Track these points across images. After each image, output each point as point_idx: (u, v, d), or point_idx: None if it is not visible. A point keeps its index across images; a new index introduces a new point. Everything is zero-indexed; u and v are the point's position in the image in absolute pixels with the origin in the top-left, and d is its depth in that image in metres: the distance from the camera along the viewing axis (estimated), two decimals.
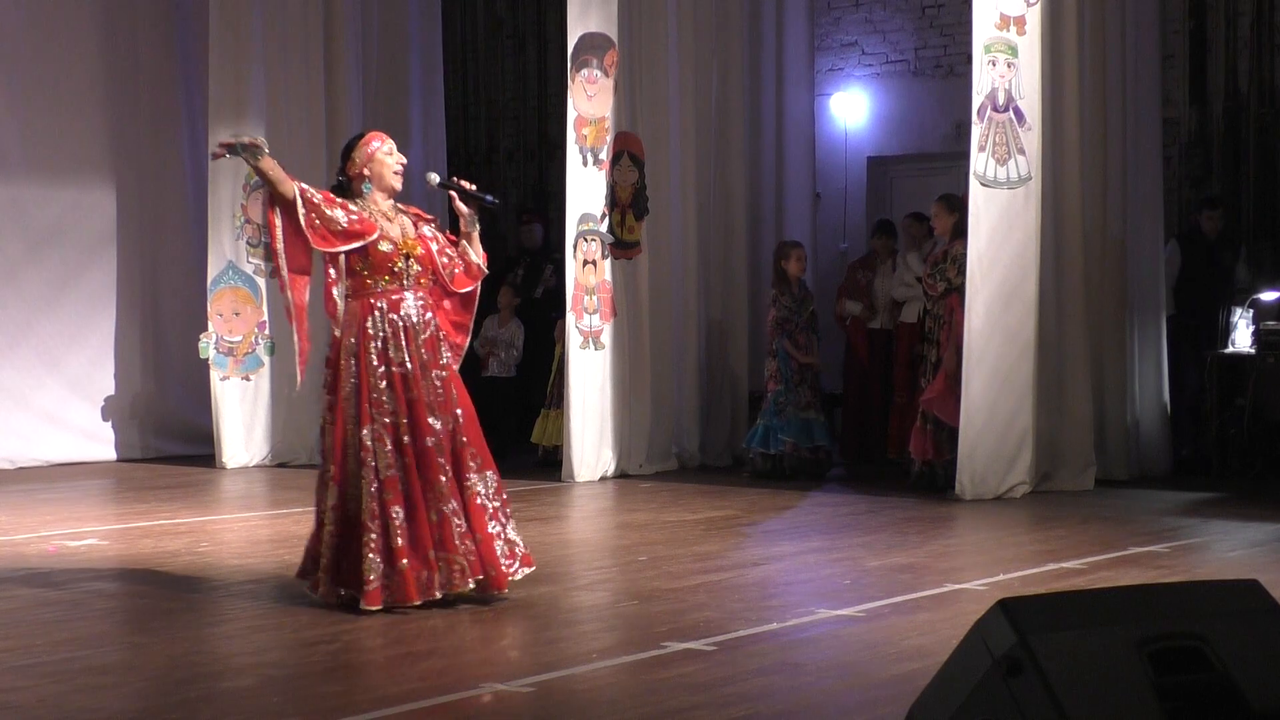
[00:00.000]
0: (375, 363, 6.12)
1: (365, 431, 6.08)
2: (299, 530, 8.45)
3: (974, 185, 9.71)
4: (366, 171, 6.30)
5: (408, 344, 6.17)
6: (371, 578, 5.98)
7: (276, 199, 6.20)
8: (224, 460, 11.80)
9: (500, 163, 14.87)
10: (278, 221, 6.17)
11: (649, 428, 11.33)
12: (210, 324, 11.90)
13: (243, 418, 11.94)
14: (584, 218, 10.89)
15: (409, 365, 6.15)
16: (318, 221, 6.13)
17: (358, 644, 5.62)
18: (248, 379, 11.96)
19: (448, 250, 6.39)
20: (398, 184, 6.33)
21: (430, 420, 6.14)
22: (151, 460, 12.27)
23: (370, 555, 5.99)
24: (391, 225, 6.25)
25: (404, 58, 13.33)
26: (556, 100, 13.44)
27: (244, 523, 9.11)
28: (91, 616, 6.16)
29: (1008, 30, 9.72)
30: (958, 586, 6.68)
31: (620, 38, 11.06)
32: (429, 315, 6.28)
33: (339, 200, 6.24)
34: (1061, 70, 10.13)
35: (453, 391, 6.27)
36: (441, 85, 13.88)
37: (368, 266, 6.19)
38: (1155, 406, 10.97)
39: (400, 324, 6.18)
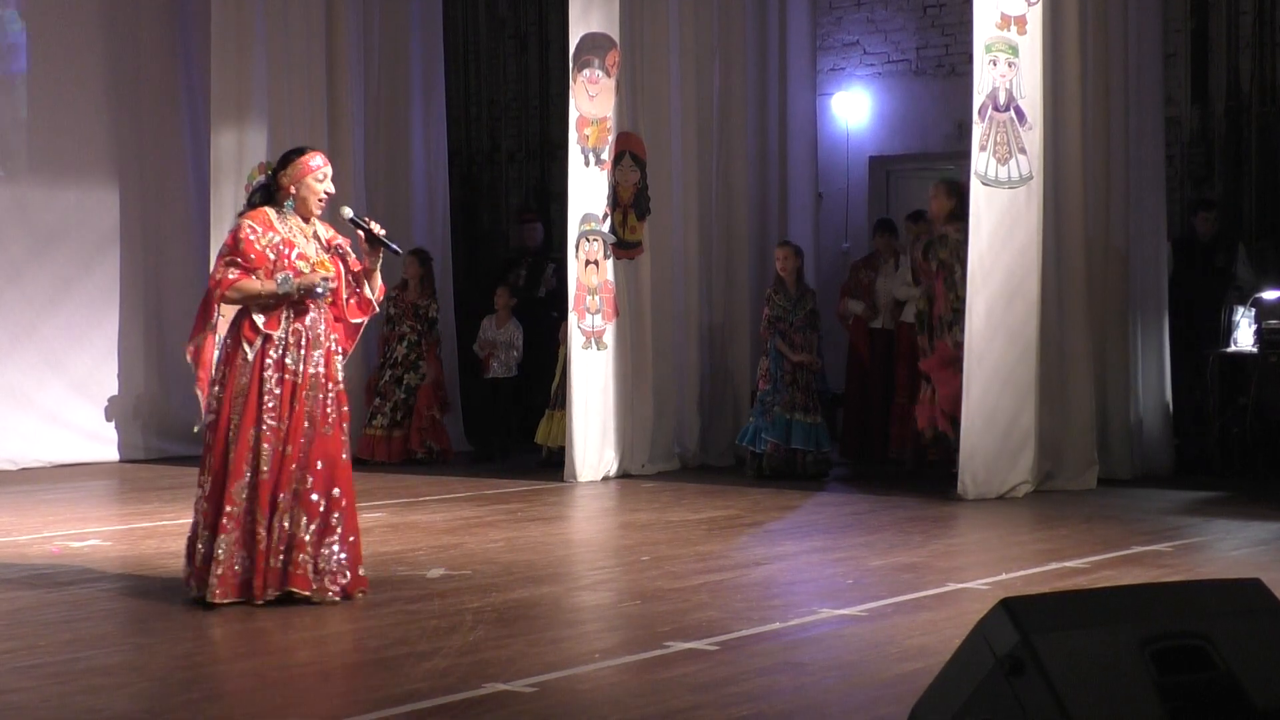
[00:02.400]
0: (272, 369, 6.26)
1: (252, 431, 6.22)
2: None
3: (975, 185, 9.71)
4: (293, 190, 6.42)
5: (305, 353, 6.31)
6: (220, 572, 6.15)
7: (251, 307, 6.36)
8: None
9: (502, 163, 14.88)
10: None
11: (651, 428, 11.33)
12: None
13: None
14: (586, 218, 10.90)
15: (300, 375, 6.29)
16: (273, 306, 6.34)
17: (361, 644, 5.62)
18: None
19: (349, 278, 6.52)
20: (318, 211, 6.48)
21: (307, 431, 6.28)
22: (154, 461, 12.27)
23: (220, 550, 6.17)
24: (308, 243, 6.40)
25: (405, 59, 13.34)
26: (558, 100, 13.45)
27: None
28: (94, 617, 6.16)
29: (1009, 30, 9.72)
30: (960, 586, 6.68)
31: (622, 38, 11.06)
32: (329, 330, 6.42)
33: (260, 240, 6.31)
34: (1063, 69, 10.13)
35: (340, 409, 6.42)
36: (443, 86, 13.89)
37: None
38: (1158, 405, 10.97)
39: (304, 333, 6.33)
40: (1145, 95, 10.95)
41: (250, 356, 6.26)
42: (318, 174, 6.42)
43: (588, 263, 10.92)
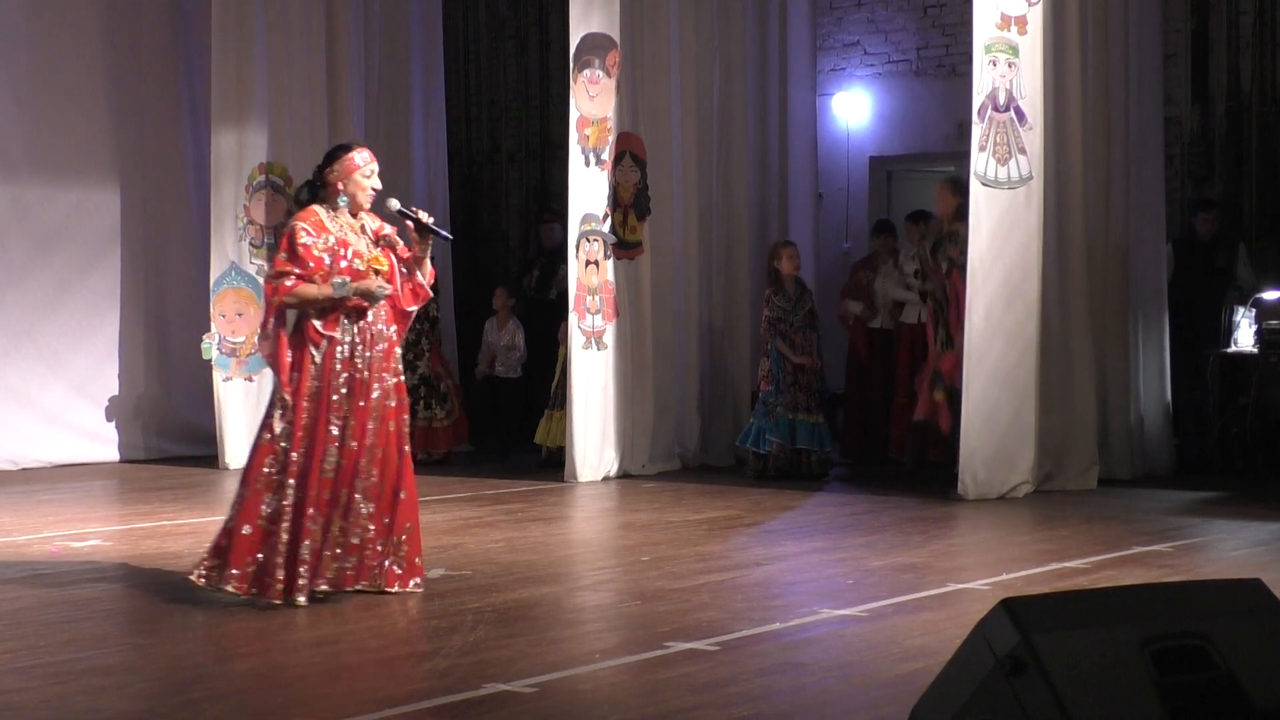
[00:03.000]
0: (339, 367, 6.26)
1: (319, 432, 6.22)
2: None
3: (974, 185, 9.71)
4: (341, 186, 6.42)
5: (369, 349, 6.32)
6: (279, 574, 6.15)
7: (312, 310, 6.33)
8: (226, 461, 11.80)
9: (502, 163, 14.87)
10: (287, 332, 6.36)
11: (651, 428, 11.33)
12: (213, 325, 11.91)
13: (245, 419, 11.92)
14: (586, 218, 10.90)
15: (365, 372, 6.30)
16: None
17: (361, 644, 5.62)
18: (250, 380, 11.97)
19: (400, 266, 6.51)
20: (366, 206, 6.49)
21: (369, 425, 6.29)
22: (154, 461, 12.27)
23: (279, 551, 6.16)
24: (359, 240, 6.40)
25: (405, 59, 13.34)
26: (558, 100, 13.45)
27: None
28: (94, 617, 6.16)
29: (1009, 30, 9.72)
30: (960, 586, 6.68)
31: (622, 38, 11.06)
32: (389, 324, 6.43)
33: (317, 245, 6.29)
34: (1063, 70, 10.13)
35: (401, 400, 6.44)
36: (443, 86, 13.90)
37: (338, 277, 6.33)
38: (1158, 406, 10.97)
39: (366, 329, 6.33)
40: (1145, 95, 10.95)
41: (319, 358, 6.25)
42: (364, 170, 6.43)
43: (588, 263, 10.92)
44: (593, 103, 10.93)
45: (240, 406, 11.92)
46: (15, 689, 4.93)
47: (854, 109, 13.27)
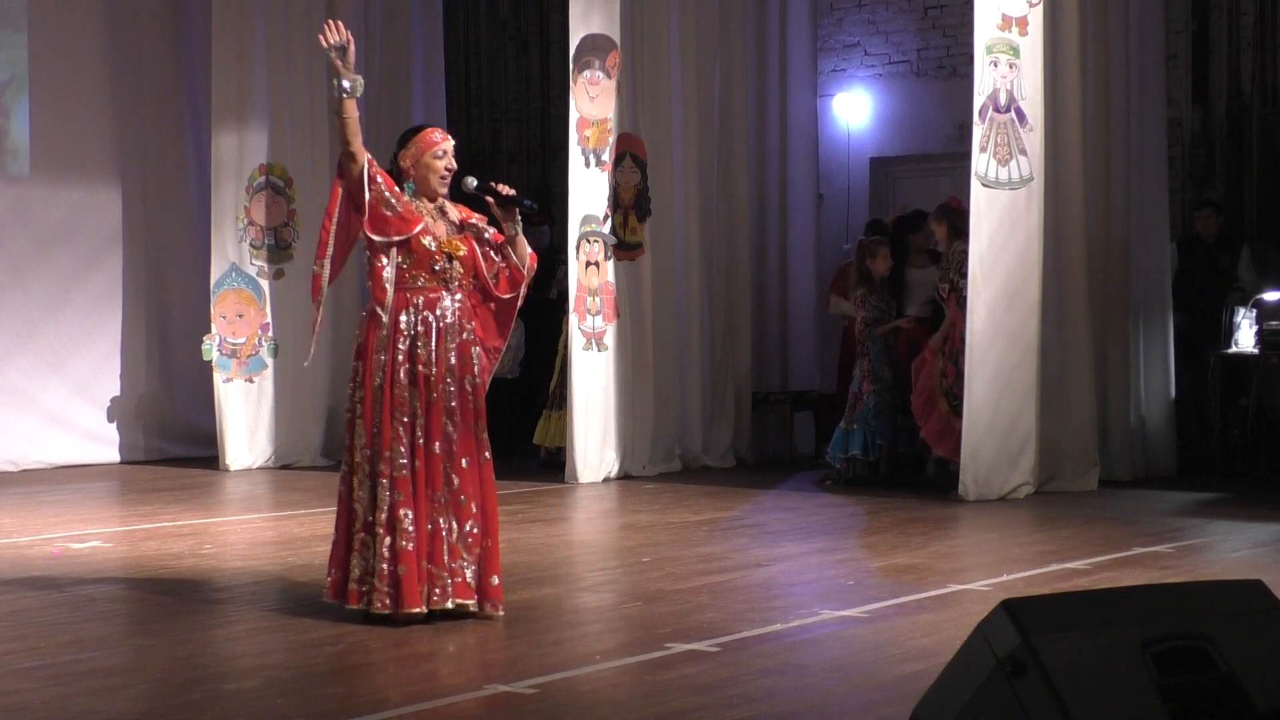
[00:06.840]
0: (401, 359, 5.93)
1: (392, 427, 5.90)
2: (302, 532, 8.47)
3: (975, 186, 9.71)
4: (412, 171, 6.16)
5: (438, 345, 5.96)
6: (379, 584, 5.84)
7: (344, 165, 6.03)
8: (227, 462, 11.81)
9: (503, 164, 14.87)
10: (339, 193, 6.03)
11: (652, 429, 11.33)
12: (213, 326, 11.91)
13: (246, 420, 11.95)
14: (586, 219, 10.90)
15: (435, 367, 5.94)
16: (380, 207, 5.97)
17: (361, 646, 5.62)
18: (251, 381, 11.97)
19: (493, 254, 6.19)
20: (441, 190, 6.17)
21: (446, 427, 5.95)
22: (155, 462, 12.27)
23: (381, 560, 5.85)
24: (436, 223, 6.08)
25: (406, 60, 13.34)
26: (559, 102, 13.45)
27: (247, 525, 9.11)
28: (95, 619, 6.16)
29: (1010, 31, 9.73)
30: (961, 587, 6.68)
31: (623, 39, 11.06)
32: (465, 320, 6.06)
33: (394, 187, 6.07)
34: (1064, 71, 10.14)
35: (478, 403, 6.06)
36: (444, 87, 13.90)
37: (409, 260, 5.98)
38: (1160, 407, 10.97)
39: (434, 323, 5.97)
40: (1146, 96, 10.96)
41: (380, 347, 5.91)
42: (436, 150, 6.18)
43: (588, 264, 10.92)
44: (593, 104, 10.93)
45: (240, 408, 11.93)
46: (16, 690, 4.92)
47: (854, 110, 13.28)
